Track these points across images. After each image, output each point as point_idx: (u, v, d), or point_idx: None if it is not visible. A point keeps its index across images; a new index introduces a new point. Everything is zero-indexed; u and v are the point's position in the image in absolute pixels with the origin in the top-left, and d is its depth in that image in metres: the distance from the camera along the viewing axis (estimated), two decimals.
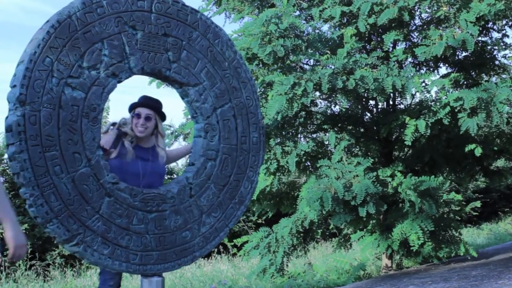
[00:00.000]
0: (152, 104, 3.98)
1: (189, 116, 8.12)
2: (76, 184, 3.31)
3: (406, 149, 8.58)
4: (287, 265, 7.62)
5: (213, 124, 3.79)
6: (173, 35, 3.68)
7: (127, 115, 4.13)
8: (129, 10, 3.67)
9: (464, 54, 8.18)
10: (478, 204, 15.16)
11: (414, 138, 7.14)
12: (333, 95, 6.94)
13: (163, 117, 4.05)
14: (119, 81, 3.61)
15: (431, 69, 8.28)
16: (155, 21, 3.66)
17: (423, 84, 7.17)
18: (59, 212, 3.14)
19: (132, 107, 4.02)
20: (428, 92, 7.18)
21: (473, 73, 8.27)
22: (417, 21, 7.90)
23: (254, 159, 3.94)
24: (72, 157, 3.22)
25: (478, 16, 6.77)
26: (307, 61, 7.94)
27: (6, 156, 12.71)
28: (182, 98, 3.93)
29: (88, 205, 3.48)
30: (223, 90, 3.83)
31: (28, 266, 9.20)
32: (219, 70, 3.82)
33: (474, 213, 15.29)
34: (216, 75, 3.81)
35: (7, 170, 12.63)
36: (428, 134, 7.01)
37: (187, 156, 4.34)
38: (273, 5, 7.70)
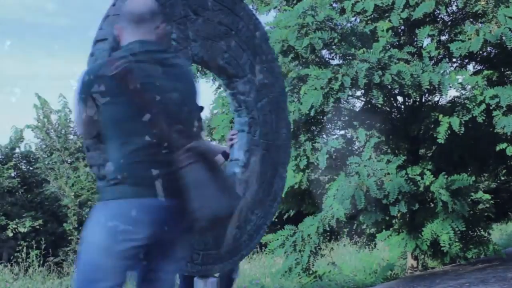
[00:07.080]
0: None
1: (227, 109, 7.80)
2: None
3: (433, 147, 8.39)
4: (313, 265, 7.43)
5: (255, 118, 3.56)
6: (225, 23, 3.45)
7: None
8: None
9: (494, 50, 7.98)
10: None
11: (446, 136, 6.98)
12: (369, 91, 6.76)
13: None
14: None
15: (461, 65, 8.09)
16: (212, 7, 3.44)
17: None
18: None
19: None
20: (464, 89, 7.01)
21: (504, 70, 8.08)
22: (451, 16, 7.71)
23: (284, 156, 3.72)
24: None
25: None
26: (332, 56, 7.73)
27: (17, 150, 12.49)
28: (225, 90, 3.75)
29: None
30: (261, 84, 3.59)
31: (41, 262, 8.97)
32: (258, 63, 3.58)
33: (485, 214, 15.16)
34: (255, 68, 3.57)
35: (19, 165, 12.38)
36: (462, 132, 6.84)
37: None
38: None
